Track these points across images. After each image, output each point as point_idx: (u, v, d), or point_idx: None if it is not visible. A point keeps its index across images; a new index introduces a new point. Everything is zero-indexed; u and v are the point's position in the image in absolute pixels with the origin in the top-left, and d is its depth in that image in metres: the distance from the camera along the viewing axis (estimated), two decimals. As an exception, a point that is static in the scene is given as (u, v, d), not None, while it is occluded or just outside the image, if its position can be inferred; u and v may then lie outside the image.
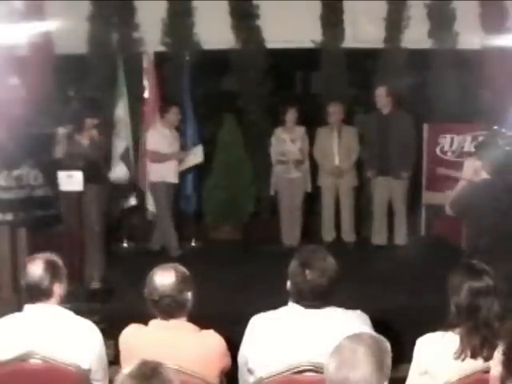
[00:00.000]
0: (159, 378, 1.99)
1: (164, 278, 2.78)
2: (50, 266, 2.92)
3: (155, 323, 2.82)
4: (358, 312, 2.83)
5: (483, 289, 2.71)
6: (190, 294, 2.82)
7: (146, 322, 2.85)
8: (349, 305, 2.87)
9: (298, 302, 2.76)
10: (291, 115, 7.05)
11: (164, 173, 6.79)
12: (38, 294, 2.88)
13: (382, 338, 2.10)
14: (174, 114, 6.86)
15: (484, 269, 2.78)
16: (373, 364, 1.96)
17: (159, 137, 6.82)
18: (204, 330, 2.83)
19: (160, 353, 2.64)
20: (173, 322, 2.79)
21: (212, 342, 2.80)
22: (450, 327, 2.74)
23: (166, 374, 2.01)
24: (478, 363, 2.61)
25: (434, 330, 2.81)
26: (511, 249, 4.13)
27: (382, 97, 6.92)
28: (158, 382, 1.98)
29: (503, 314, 2.68)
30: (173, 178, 6.84)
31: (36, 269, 2.89)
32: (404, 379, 2.83)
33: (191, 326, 2.83)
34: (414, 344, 2.80)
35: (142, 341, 2.78)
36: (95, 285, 5.77)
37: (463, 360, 2.63)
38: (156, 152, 6.79)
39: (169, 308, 2.76)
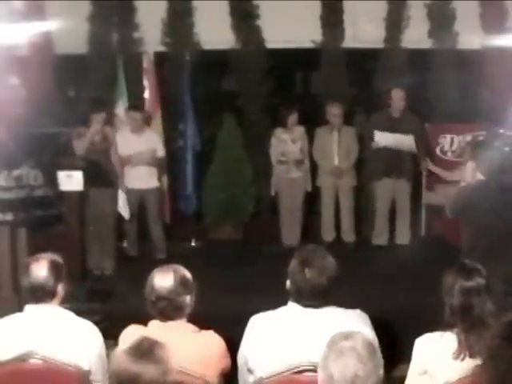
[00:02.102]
0: (153, 357, 2.10)
1: (163, 280, 2.77)
2: (54, 267, 2.92)
3: (155, 324, 2.82)
4: (358, 311, 2.83)
5: (475, 288, 2.72)
6: (188, 298, 2.80)
7: (146, 323, 2.85)
8: (349, 305, 2.87)
9: (297, 301, 2.76)
10: (293, 117, 7.04)
11: (141, 179, 6.57)
12: (42, 294, 2.88)
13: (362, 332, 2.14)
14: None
15: (475, 268, 2.80)
16: (371, 356, 1.99)
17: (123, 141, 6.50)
18: (204, 331, 2.83)
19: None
20: (172, 323, 2.79)
21: (212, 342, 2.80)
22: (448, 327, 2.75)
23: (161, 354, 2.12)
24: (477, 363, 2.60)
25: (433, 330, 2.81)
26: (508, 249, 4.14)
27: (400, 100, 6.84)
28: (151, 361, 2.09)
29: (498, 313, 2.69)
30: (151, 183, 6.67)
31: (41, 270, 2.89)
32: (404, 379, 2.83)
33: (191, 327, 2.83)
34: (413, 344, 2.81)
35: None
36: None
37: (462, 360, 2.63)
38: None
39: (165, 311, 2.76)
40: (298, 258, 2.80)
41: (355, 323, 2.71)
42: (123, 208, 6.52)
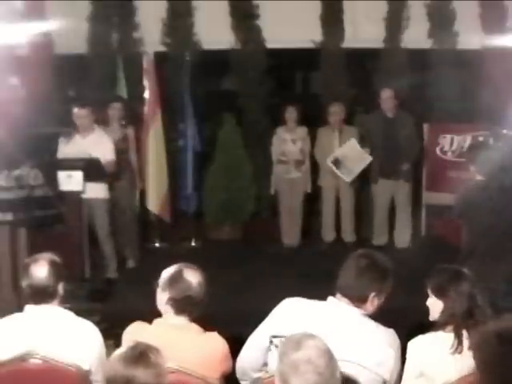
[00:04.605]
0: (145, 362, 2.11)
1: (195, 277, 2.81)
2: (55, 267, 2.91)
3: (159, 322, 2.83)
4: (391, 331, 2.67)
5: (468, 285, 2.82)
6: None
7: (147, 322, 2.85)
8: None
9: (342, 293, 2.69)
10: (290, 114, 7.05)
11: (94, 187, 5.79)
12: (43, 295, 2.87)
13: (313, 334, 2.10)
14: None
15: (462, 269, 2.92)
16: (327, 363, 1.97)
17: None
18: (208, 332, 2.83)
19: (162, 352, 2.64)
20: (177, 323, 2.79)
21: (215, 344, 2.80)
22: (440, 327, 2.78)
23: (154, 358, 2.14)
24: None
25: (432, 330, 2.82)
26: (508, 249, 4.14)
27: (388, 99, 6.82)
28: (144, 365, 2.10)
29: (489, 308, 2.81)
30: (104, 193, 5.95)
31: (41, 270, 2.88)
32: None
33: (195, 327, 2.83)
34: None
35: (145, 339, 2.77)
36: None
37: (460, 353, 2.64)
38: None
39: (191, 307, 2.79)
40: (362, 252, 2.84)
41: (382, 343, 2.59)
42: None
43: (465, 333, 2.73)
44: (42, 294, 2.87)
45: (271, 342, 2.65)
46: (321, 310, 2.69)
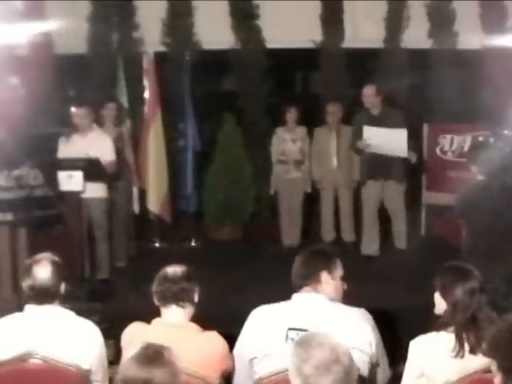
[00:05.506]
0: (161, 361, 2.10)
1: (172, 269, 2.86)
2: (57, 268, 2.91)
3: (158, 322, 2.83)
4: (362, 310, 2.83)
5: (475, 287, 2.77)
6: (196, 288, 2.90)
7: (146, 322, 2.85)
8: (349, 304, 2.87)
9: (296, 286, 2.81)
10: (292, 115, 7.04)
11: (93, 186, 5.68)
12: (46, 296, 2.87)
13: (327, 333, 2.12)
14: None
15: (471, 269, 2.87)
16: (351, 358, 2.02)
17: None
18: (207, 331, 2.83)
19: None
20: (176, 322, 2.80)
21: (214, 343, 2.80)
22: (442, 327, 2.77)
23: (168, 357, 2.13)
24: (477, 361, 2.60)
25: (434, 330, 2.82)
26: (508, 249, 4.15)
27: (370, 97, 6.42)
28: (160, 365, 2.10)
29: (493, 310, 2.77)
30: (103, 192, 5.86)
31: (44, 271, 2.88)
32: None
33: (195, 327, 2.83)
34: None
35: (144, 339, 2.77)
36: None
37: (462, 357, 2.63)
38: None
39: (170, 294, 2.81)
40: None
41: (358, 321, 2.72)
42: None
43: (468, 336, 2.69)
44: (44, 295, 2.87)
45: (287, 336, 2.69)
46: (292, 308, 2.78)
